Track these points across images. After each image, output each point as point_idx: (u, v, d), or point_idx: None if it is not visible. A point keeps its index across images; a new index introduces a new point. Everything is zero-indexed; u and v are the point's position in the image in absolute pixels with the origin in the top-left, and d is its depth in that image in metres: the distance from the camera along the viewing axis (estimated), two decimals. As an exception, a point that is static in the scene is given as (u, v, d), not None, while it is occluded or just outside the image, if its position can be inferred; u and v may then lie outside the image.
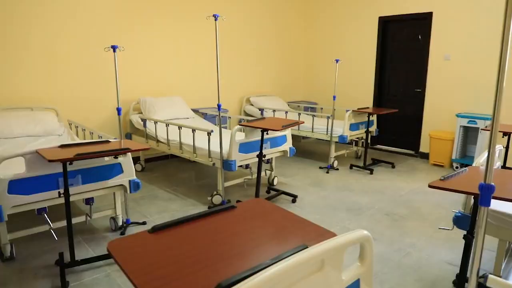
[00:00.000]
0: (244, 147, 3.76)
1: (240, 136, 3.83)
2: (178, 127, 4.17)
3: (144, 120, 4.72)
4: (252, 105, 6.30)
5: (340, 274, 1.31)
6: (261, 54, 6.59)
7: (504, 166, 3.98)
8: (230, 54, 6.11)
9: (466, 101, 5.45)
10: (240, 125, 3.62)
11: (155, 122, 4.55)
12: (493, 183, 1.25)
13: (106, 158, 2.91)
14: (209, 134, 3.77)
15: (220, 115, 3.63)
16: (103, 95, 4.82)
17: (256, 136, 3.81)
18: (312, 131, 5.44)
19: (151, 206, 3.81)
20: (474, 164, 2.44)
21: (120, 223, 3.25)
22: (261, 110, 6.02)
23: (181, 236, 1.38)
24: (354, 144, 5.97)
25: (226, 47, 6.02)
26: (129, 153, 2.95)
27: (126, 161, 3.03)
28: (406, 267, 2.76)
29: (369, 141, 6.50)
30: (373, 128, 5.65)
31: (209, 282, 1.11)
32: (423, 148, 5.95)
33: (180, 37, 5.44)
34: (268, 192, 4.19)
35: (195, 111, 5.49)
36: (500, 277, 2.45)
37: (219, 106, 3.58)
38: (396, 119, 6.36)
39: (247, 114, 6.26)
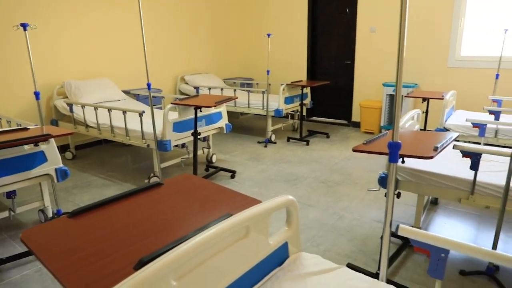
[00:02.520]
0: (179, 126, 3.69)
1: (174, 115, 3.74)
2: (108, 110, 3.97)
3: (70, 105, 4.43)
4: (187, 83, 6.16)
5: (267, 239, 1.35)
6: (194, 31, 6.41)
7: (424, 129, 4.31)
8: (162, 32, 5.87)
9: (391, 71, 5.78)
10: (172, 103, 3.53)
11: (83, 106, 4.28)
12: (400, 141, 1.34)
13: (26, 147, 2.70)
14: (140, 115, 3.63)
15: (150, 95, 3.50)
16: (19, 80, 4.42)
17: (190, 115, 3.74)
18: (249, 107, 5.47)
19: (84, 195, 3.64)
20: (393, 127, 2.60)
21: (50, 215, 3.07)
22: (197, 88, 5.91)
23: (104, 218, 1.33)
24: (290, 117, 6.10)
25: (157, 25, 5.77)
26: (53, 140, 2.76)
27: (49, 148, 2.83)
28: (340, 229, 2.93)
29: (304, 113, 6.70)
30: (308, 101, 5.80)
31: (132, 259, 1.09)
32: (355, 117, 6.25)
33: (105, 14, 5.11)
34: (206, 169, 4.18)
35: (127, 92, 5.25)
36: (420, 229, 2.69)
37: (148, 85, 3.45)
38: (329, 91, 6.59)
39: (182, 93, 6.12)
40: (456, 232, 2.92)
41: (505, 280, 2.27)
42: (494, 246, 2.32)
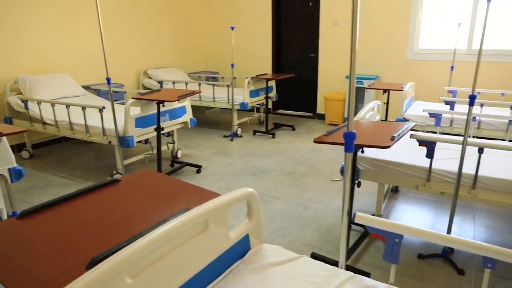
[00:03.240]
0: (141, 122, 3.60)
1: (136, 111, 3.65)
2: (66, 106, 3.82)
3: (25, 101, 4.21)
4: (150, 78, 6.02)
5: (227, 232, 1.34)
6: (157, 24, 6.26)
7: (385, 119, 4.43)
8: (123, 25, 5.69)
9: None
10: (133, 98, 3.44)
11: (39, 103, 4.09)
12: (354, 131, 1.37)
13: (-25, 146, 2.54)
14: (100, 110, 3.52)
15: (110, 90, 3.39)
16: (-31, 75, 4.16)
17: (153, 109, 3.66)
18: (214, 101, 5.42)
19: (43, 195, 3.49)
20: (355, 119, 2.67)
21: (5, 217, 2.92)
22: (160, 82, 5.79)
23: (56, 218, 1.28)
24: (256, 111, 6.11)
25: (118, 17, 5.59)
26: (5, 138, 2.62)
27: (1, 147, 2.69)
28: (305, 219, 2.97)
29: (270, 106, 6.73)
30: (273, 94, 5.83)
31: (85, 259, 1.05)
32: (320, 109, 6.35)
33: (62, 4, 4.88)
34: (172, 165, 4.11)
35: (87, 88, 5.06)
36: (381, 216, 2.78)
37: (108, 80, 3.34)
38: (294, 84, 6.64)
39: (146, 88, 5.97)
40: (415, 218, 3.04)
41: (458, 261, 2.38)
42: (449, 229, 2.44)
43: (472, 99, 2.21)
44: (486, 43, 4.98)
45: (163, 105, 3.71)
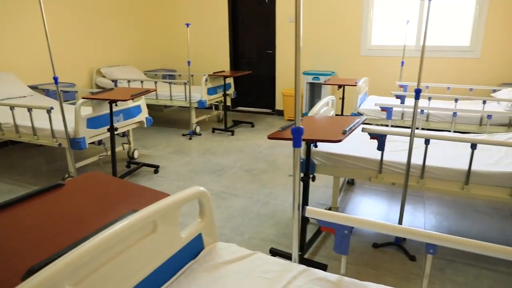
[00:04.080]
0: (93, 122, 3.46)
1: (88, 111, 3.51)
2: (10, 107, 3.60)
3: (-36, 104, 3.92)
4: (104, 76, 5.81)
5: (178, 232, 1.32)
6: (110, 20, 6.04)
7: (341, 114, 4.55)
8: (74, 21, 5.43)
9: (310, 60, 5.99)
10: (84, 98, 3.30)
11: (-20, 105, 3.83)
12: (302, 127, 1.38)
13: None
14: (48, 111, 3.35)
15: (58, 89, 3.23)
16: None
17: (105, 109, 3.54)
18: (171, 99, 5.32)
19: (-13, 202, 3.27)
20: (309, 114, 2.71)
21: None
22: (115, 81, 5.60)
23: (-8, 227, 1.20)
24: (214, 108, 6.06)
25: (68, 14, 5.32)
26: None
27: None
28: (264, 215, 2.99)
29: (229, 104, 6.70)
30: (231, 91, 5.81)
31: (22, 268, 0.99)
32: (278, 105, 6.40)
33: (3, 1, 4.58)
34: (128, 166, 3.99)
35: (34, 88, 4.80)
36: (337, 208, 2.85)
37: (55, 79, 3.18)
38: (253, 80, 6.65)
39: (99, 87, 5.75)
40: (370, 209, 3.14)
41: (410, 248, 2.49)
42: (400, 218, 2.54)
43: (417, 93, 2.30)
44: (433, 39, 5.24)
45: (116, 105, 3.59)
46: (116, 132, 3.48)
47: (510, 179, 2.29)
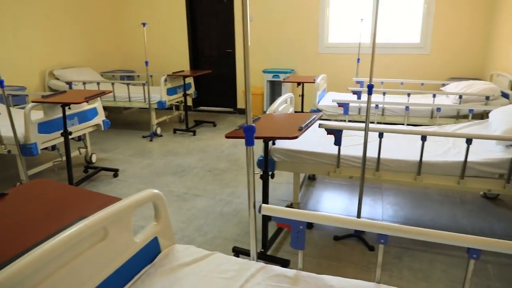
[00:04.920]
0: (45, 127, 3.31)
1: (39, 115, 3.35)
2: (-48, 114, 3.37)
3: None
4: (58, 79, 5.56)
5: (132, 237, 1.29)
6: (64, 20, 5.78)
7: (302, 111, 4.62)
8: (24, 20, 5.15)
9: (270, 58, 6.03)
10: (33, 102, 3.14)
11: None
12: (253, 125, 1.39)
13: None
14: (-5, 117, 3.16)
15: (5, 93, 3.06)
16: None
17: (58, 113, 3.39)
18: (130, 101, 5.19)
19: None
20: (268, 112, 2.73)
21: None
22: (69, 83, 5.38)
23: None
24: (175, 109, 5.96)
25: (16, 13, 5.04)
26: None
27: None
28: (227, 214, 2.99)
29: (190, 104, 6.63)
30: (191, 91, 5.75)
31: (-41, 287, 0.93)
32: (240, 104, 6.41)
33: None
34: (85, 171, 3.86)
35: (-21, 92, 4.52)
36: (298, 204, 2.90)
37: (1, 82, 3.01)
38: (214, 80, 6.62)
39: (52, 90, 5.50)
40: (331, 203, 3.22)
41: (369, 238, 2.57)
42: (359, 210, 2.62)
43: (370, 89, 2.38)
44: (386, 37, 5.43)
45: (69, 108, 3.44)
46: (71, 137, 3.35)
47: (458, 168, 2.42)
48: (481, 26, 5.02)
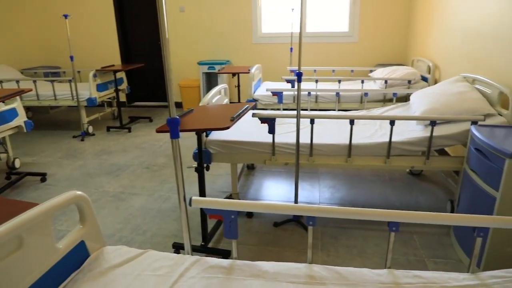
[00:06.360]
0: (-45, 132, 2.99)
1: None
2: None
3: None
4: (-31, 79, 5.03)
5: (54, 243, 1.21)
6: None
7: (239, 101, 4.62)
8: None
9: (205, 50, 5.95)
10: None
11: None
12: (178, 117, 1.36)
13: None
14: None
15: None
16: None
17: (-30, 116, 3.08)
18: (56, 99, 4.85)
19: None
20: (200, 103, 2.69)
21: None
22: (-17, 83, 4.90)
23: None
24: (107, 106, 5.69)
25: None
26: None
27: None
28: (166, 210, 2.92)
29: (124, 100, 6.36)
30: (124, 86, 5.50)
31: None
32: (176, 97, 6.26)
33: None
34: (8, 178, 3.55)
35: None
36: (237, 194, 2.91)
37: None
38: (147, 73, 6.39)
39: (-36, 91, 4.97)
40: (271, 190, 3.27)
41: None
42: (296, 195, 2.69)
43: (299, 77, 2.44)
44: (317, 26, 5.59)
45: (-18, 110, 3.14)
46: (-14, 141, 3.06)
47: (384, 148, 2.58)
48: (402, 15, 5.35)
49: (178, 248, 2.37)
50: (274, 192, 3.25)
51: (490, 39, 2.90)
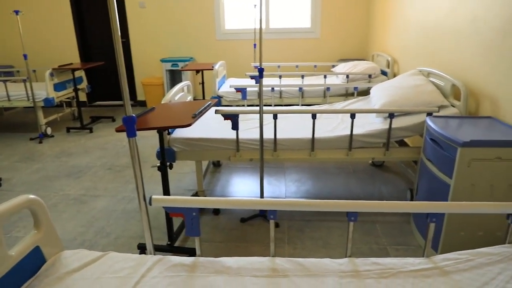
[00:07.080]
0: None
1: None
2: None
3: None
4: None
5: (5, 250, 1.16)
6: None
7: (203, 98, 4.59)
8: None
9: (168, 47, 5.85)
10: None
11: None
12: (134, 115, 1.34)
13: None
14: None
15: None
16: None
17: None
18: (9, 100, 4.61)
19: None
20: (162, 101, 2.65)
21: None
22: None
23: None
24: (66, 106, 5.48)
25: None
26: None
27: None
28: (130, 211, 2.86)
29: (85, 99, 6.15)
30: (84, 85, 5.32)
31: None
32: (140, 96, 6.13)
33: None
34: (-41, 184, 3.36)
35: None
36: (203, 192, 2.90)
37: None
38: (109, 72, 6.20)
39: None
40: (238, 186, 3.28)
41: (273, 217, 2.68)
42: (261, 191, 2.71)
43: (260, 72, 2.45)
44: (280, 22, 5.62)
45: None
46: None
47: (345, 141, 2.64)
48: (363, 11, 5.48)
49: (143, 249, 2.33)
50: (241, 188, 3.25)
51: (443, 34, 3.03)
